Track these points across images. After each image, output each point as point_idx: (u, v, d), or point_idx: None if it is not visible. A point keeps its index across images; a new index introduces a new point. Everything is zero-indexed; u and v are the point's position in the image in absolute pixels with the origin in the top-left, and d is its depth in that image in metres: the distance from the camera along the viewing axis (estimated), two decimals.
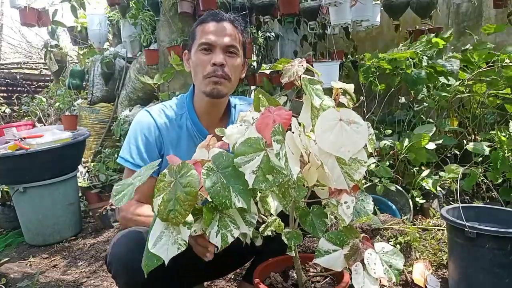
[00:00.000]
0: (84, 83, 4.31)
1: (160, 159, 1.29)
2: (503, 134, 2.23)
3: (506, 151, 2.17)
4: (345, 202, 0.92)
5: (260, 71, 3.51)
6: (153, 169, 0.93)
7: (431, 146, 2.34)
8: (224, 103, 1.44)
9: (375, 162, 2.41)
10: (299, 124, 0.90)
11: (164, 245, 0.85)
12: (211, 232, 0.85)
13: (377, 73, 2.71)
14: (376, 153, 2.51)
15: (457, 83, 2.52)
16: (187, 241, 0.86)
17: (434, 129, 2.42)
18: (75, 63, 5.26)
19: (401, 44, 2.81)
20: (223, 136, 0.96)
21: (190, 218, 0.87)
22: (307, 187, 0.93)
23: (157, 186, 0.86)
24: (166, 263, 0.85)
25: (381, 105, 2.85)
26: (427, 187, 2.33)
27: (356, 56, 3.47)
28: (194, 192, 0.82)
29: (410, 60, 2.61)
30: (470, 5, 3.54)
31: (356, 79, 2.84)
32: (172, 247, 0.85)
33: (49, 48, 3.77)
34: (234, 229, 0.87)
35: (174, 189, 0.83)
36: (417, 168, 2.50)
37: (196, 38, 1.35)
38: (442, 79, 2.58)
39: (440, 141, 2.42)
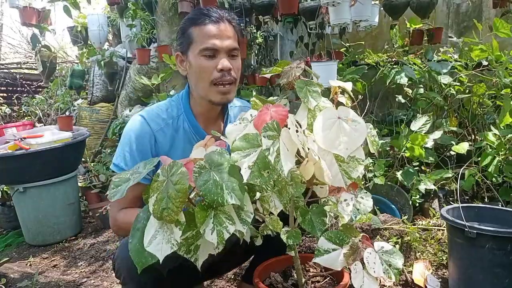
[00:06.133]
0: (84, 83, 4.30)
1: (156, 163, 1.29)
2: (500, 134, 2.22)
3: (498, 153, 2.16)
4: (345, 200, 0.92)
5: (261, 75, 3.50)
6: (151, 168, 0.92)
7: (430, 143, 2.33)
8: None
9: (372, 162, 2.40)
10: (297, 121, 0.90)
11: (158, 244, 0.86)
12: (206, 230, 0.85)
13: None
14: (375, 153, 2.50)
15: (451, 79, 2.54)
16: (179, 241, 0.86)
17: (431, 122, 2.41)
18: (61, 63, 5.26)
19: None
20: (219, 137, 0.97)
21: (182, 218, 0.87)
22: (304, 183, 0.93)
23: (152, 186, 0.87)
24: (161, 261, 0.85)
25: (380, 105, 2.84)
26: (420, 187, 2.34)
27: (356, 56, 3.45)
28: (184, 189, 0.83)
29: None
30: (470, 5, 3.54)
31: None
32: (166, 246, 0.85)
33: (36, 49, 3.78)
34: (230, 225, 0.87)
35: (166, 187, 0.85)
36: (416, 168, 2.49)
37: (194, 41, 1.26)
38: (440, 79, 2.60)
39: (437, 137, 2.40)
